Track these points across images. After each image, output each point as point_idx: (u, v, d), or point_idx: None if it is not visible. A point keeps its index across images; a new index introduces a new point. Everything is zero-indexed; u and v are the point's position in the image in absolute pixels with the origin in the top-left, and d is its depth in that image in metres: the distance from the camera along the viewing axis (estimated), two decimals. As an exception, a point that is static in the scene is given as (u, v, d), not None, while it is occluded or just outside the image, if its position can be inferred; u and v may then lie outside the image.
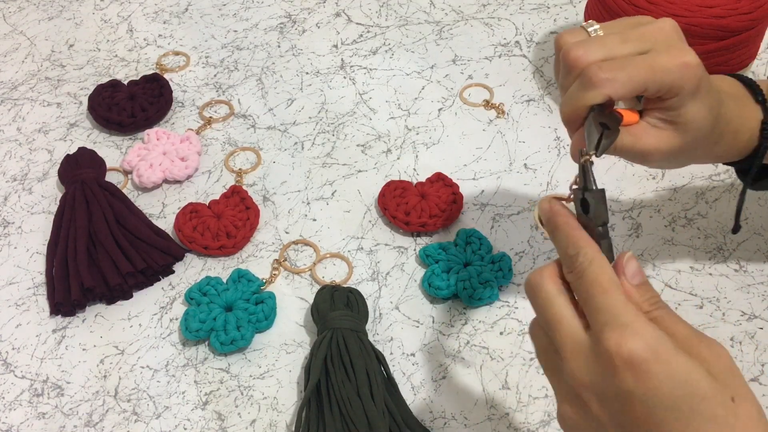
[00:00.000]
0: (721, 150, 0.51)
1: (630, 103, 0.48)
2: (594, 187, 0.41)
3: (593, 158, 0.42)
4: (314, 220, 0.69)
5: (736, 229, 0.60)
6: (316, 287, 0.64)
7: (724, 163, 0.56)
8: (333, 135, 0.76)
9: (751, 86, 0.52)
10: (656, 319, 0.36)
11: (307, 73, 0.83)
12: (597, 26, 0.46)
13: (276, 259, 0.66)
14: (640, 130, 0.46)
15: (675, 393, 0.33)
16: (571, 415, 0.37)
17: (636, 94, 0.44)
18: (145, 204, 0.70)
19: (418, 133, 0.76)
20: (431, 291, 0.62)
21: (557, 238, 0.40)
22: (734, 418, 0.33)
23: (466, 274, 0.62)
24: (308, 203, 0.70)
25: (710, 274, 0.64)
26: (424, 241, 0.67)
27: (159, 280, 0.65)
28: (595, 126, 0.43)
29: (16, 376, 0.59)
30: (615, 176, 0.71)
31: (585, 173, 0.42)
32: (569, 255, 0.38)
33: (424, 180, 0.70)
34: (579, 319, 0.37)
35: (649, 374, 0.33)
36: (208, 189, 0.72)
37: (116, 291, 0.63)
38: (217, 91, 0.81)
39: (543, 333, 0.39)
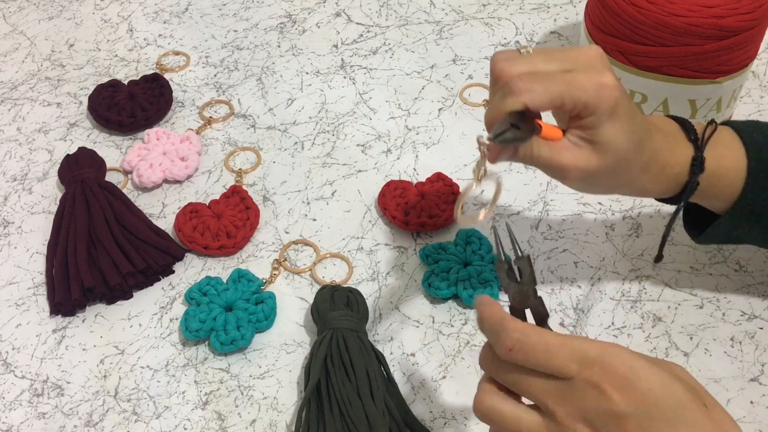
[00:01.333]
0: (647, 182, 0.52)
1: (559, 120, 0.51)
2: (518, 252, 0.46)
3: (488, 144, 0.46)
4: (314, 220, 0.69)
5: (658, 258, 0.61)
6: (316, 287, 0.64)
7: (656, 199, 0.57)
8: (333, 135, 0.76)
9: (686, 126, 0.53)
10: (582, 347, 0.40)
11: (307, 73, 0.83)
12: (530, 48, 0.49)
13: (276, 259, 0.66)
14: (559, 145, 0.48)
15: (660, 404, 0.36)
16: None
17: (552, 106, 0.46)
18: (145, 204, 0.70)
19: (418, 133, 0.76)
20: (431, 291, 0.62)
21: (486, 327, 0.42)
22: (711, 422, 0.37)
23: (465, 273, 0.62)
24: (308, 203, 0.70)
25: (710, 274, 0.64)
26: (424, 241, 0.67)
27: (159, 280, 0.65)
28: (503, 123, 0.46)
29: (16, 376, 0.59)
30: (615, 176, 0.71)
31: (496, 236, 0.47)
32: (500, 337, 0.40)
33: (424, 180, 0.70)
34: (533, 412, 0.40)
35: (635, 390, 0.36)
36: (208, 189, 0.72)
37: (116, 291, 0.63)
38: (217, 91, 0.81)
39: None
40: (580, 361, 0.38)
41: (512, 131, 0.46)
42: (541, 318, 0.44)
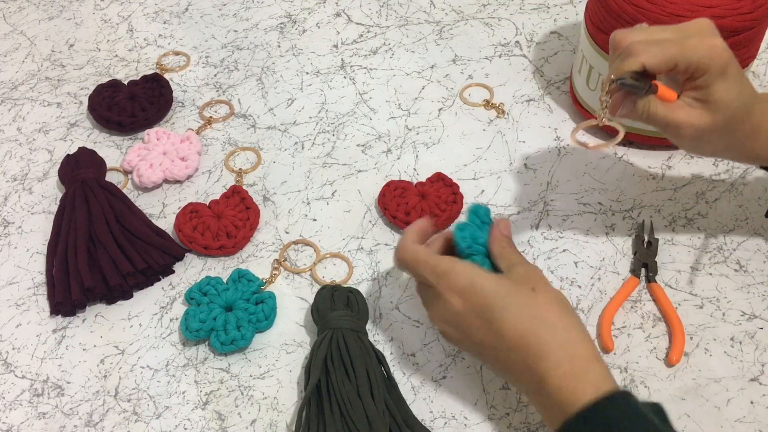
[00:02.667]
0: (757, 147, 0.56)
1: (671, 85, 0.55)
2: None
3: (609, 86, 0.52)
4: (314, 220, 0.69)
5: None
6: (316, 287, 0.64)
7: (762, 167, 0.60)
8: (333, 135, 0.76)
9: None
10: (502, 254, 0.53)
11: (307, 73, 0.83)
12: (645, 25, 0.55)
13: (276, 259, 0.66)
14: (674, 105, 0.53)
15: (492, 299, 0.49)
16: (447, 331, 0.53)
17: (668, 67, 0.51)
18: (145, 204, 0.70)
19: (418, 133, 0.76)
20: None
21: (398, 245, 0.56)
22: (534, 300, 0.49)
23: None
24: (308, 203, 0.70)
25: (710, 274, 0.64)
26: (424, 241, 0.67)
27: (159, 280, 0.65)
28: (624, 76, 0.51)
29: (16, 376, 0.59)
30: (615, 176, 0.71)
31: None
32: (395, 252, 0.55)
33: (424, 180, 0.70)
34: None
35: (471, 294, 0.50)
36: (208, 189, 0.72)
37: (116, 291, 0.63)
38: (217, 91, 0.81)
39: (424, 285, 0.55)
40: (436, 275, 0.51)
41: (632, 79, 0.51)
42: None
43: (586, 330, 0.49)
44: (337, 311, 0.58)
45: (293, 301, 0.63)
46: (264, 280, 0.64)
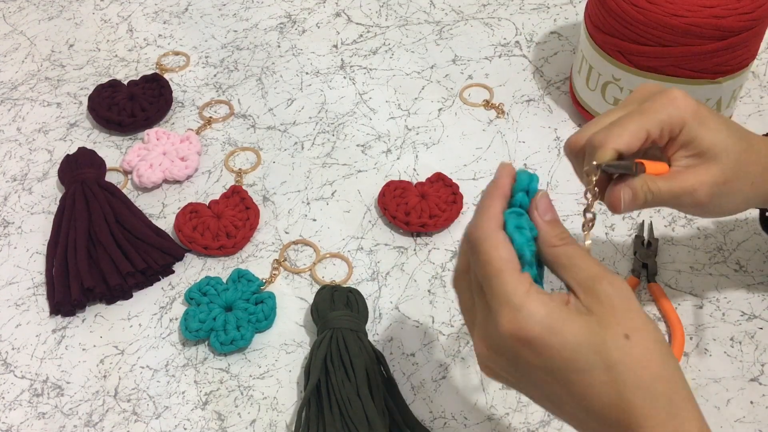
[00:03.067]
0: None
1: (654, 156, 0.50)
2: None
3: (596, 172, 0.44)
4: (314, 220, 0.69)
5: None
6: (316, 287, 0.64)
7: None
8: (333, 135, 0.76)
9: None
10: (564, 255, 0.40)
11: (307, 73, 0.83)
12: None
13: (276, 259, 0.66)
14: (673, 173, 0.47)
15: (573, 356, 0.37)
16: (489, 360, 0.41)
17: (640, 141, 0.45)
18: (145, 204, 0.70)
19: (418, 133, 0.76)
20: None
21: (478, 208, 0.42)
22: (629, 357, 0.37)
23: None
24: (308, 203, 0.70)
25: (710, 274, 0.64)
26: (424, 241, 0.67)
27: (159, 280, 0.65)
28: (595, 169, 0.45)
29: (16, 376, 0.59)
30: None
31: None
32: (473, 222, 0.41)
33: (424, 180, 0.70)
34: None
35: (545, 347, 0.37)
36: (208, 189, 0.72)
37: (116, 291, 0.63)
38: (217, 91, 0.81)
39: (469, 287, 0.43)
40: (499, 302, 0.38)
41: (616, 162, 0.45)
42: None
43: (682, 372, 0.39)
44: (337, 311, 0.58)
45: (293, 301, 0.63)
46: (264, 280, 0.64)
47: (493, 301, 0.39)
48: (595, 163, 0.44)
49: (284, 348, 0.60)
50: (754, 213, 0.68)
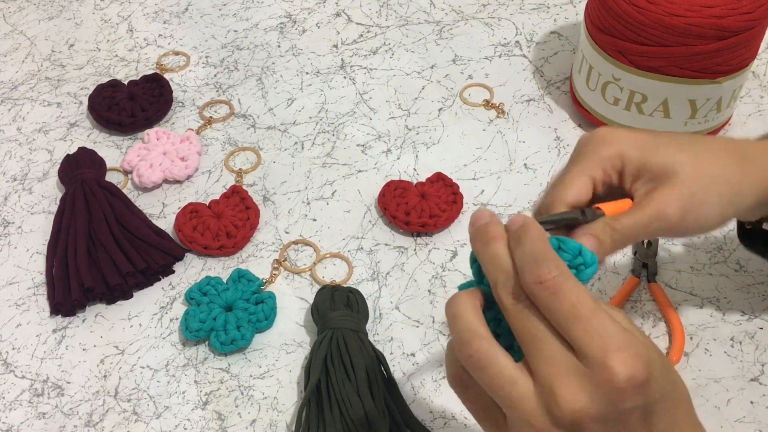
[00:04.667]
0: (748, 180, 0.47)
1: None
2: None
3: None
4: (314, 220, 0.69)
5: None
6: (316, 287, 0.64)
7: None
8: (333, 135, 0.76)
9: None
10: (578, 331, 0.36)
11: (307, 73, 0.83)
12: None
13: (276, 259, 0.66)
14: (635, 205, 0.45)
15: (664, 393, 0.35)
16: None
17: (588, 189, 0.45)
18: (145, 204, 0.70)
19: (418, 133, 0.76)
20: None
21: (524, 246, 0.37)
22: (687, 393, 0.37)
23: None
24: (308, 203, 0.70)
25: (710, 274, 0.64)
26: (424, 241, 0.67)
27: (159, 280, 0.65)
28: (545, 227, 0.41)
29: (16, 376, 0.59)
30: (615, 176, 0.71)
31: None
32: (539, 264, 0.36)
33: (424, 180, 0.70)
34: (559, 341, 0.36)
35: (651, 389, 0.35)
36: (208, 189, 0.72)
37: (116, 291, 0.63)
38: (217, 91, 0.81)
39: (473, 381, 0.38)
40: (606, 349, 0.34)
41: (559, 213, 0.43)
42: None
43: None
44: (337, 311, 0.58)
45: (293, 301, 0.63)
46: (264, 280, 0.64)
47: (591, 345, 0.34)
48: (539, 220, 0.41)
49: (284, 348, 0.60)
50: (754, 213, 0.68)
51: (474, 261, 0.40)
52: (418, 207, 0.67)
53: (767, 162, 0.48)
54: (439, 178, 0.70)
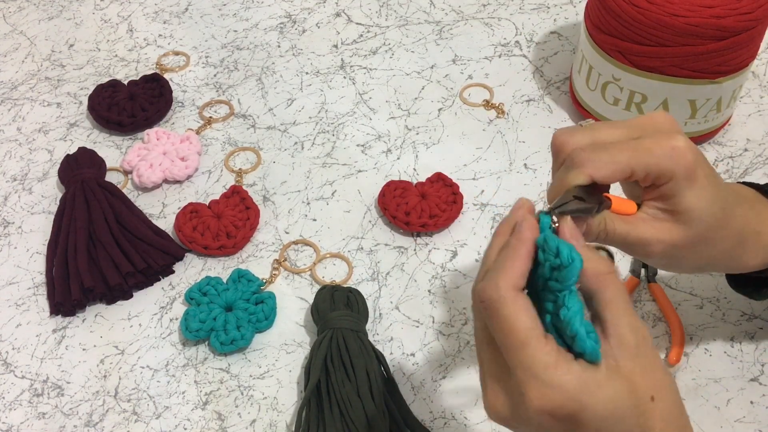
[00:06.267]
0: (748, 256, 0.48)
1: (633, 193, 0.47)
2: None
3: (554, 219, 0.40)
4: (314, 220, 0.69)
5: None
6: (316, 287, 0.64)
7: (758, 274, 0.52)
8: (333, 135, 0.76)
9: (763, 189, 0.50)
10: (611, 289, 0.37)
11: (307, 73, 0.83)
12: (591, 121, 0.45)
13: (276, 259, 0.66)
14: (637, 219, 0.44)
15: (602, 424, 0.36)
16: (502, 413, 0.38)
17: (621, 176, 0.42)
18: (145, 204, 0.70)
19: (418, 133, 0.76)
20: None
21: (497, 252, 0.39)
22: (654, 420, 0.36)
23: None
24: (308, 203, 0.70)
25: (710, 274, 0.64)
26: (424, 241, 0.67)
27: (159, 280, 0.65)
28: (565, 195, 0.41)
29: (16, 376, 0.59)
30: (615, 176, 0.71)
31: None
32: (486, 280, 0.37)
33: (424, 180, 0.70)
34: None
35: (577, 422, 0.35)
36: (208, 189, 0.72)
37: (116, 291, 0.63)
38: (217, 91, 0.81)
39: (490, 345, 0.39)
40: (525, 381, 0.36)
41: (575, 202, 0.41)
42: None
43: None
44: (337, 311, 0.58)
45: (293, 301, 0.63)
46: (264, 280, 0.64)
47: (518, 372, 0.36)
48: (549, 206, 0.41)
49: (284, 348, 0.60)
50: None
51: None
52: (418, 207, 0.67)
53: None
54: (439, 178, 0.70)
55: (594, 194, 0.42)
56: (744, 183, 0.50)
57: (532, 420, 0.36)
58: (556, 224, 0.39)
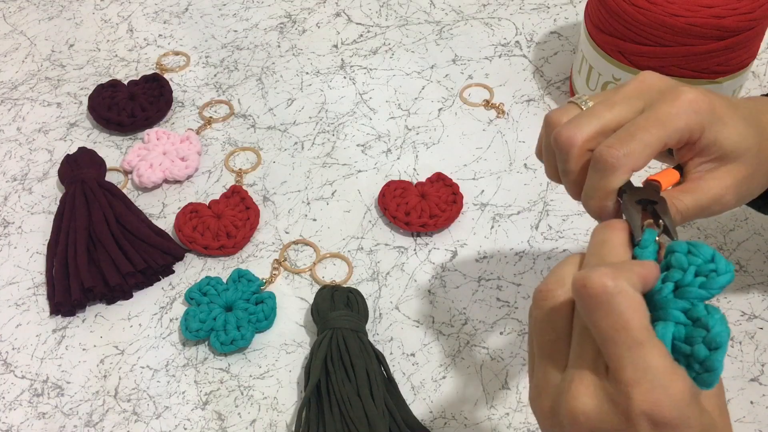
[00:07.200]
0: None
1: (663, 160, 0.45)
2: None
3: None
4: (314, 220, 0.69)
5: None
6: (316, 287, 0.64)
7: None
8: (333, 135, 0.76)
9: None
10: None
11: (307, 73, 0.83)
12: (590, 102, 0.43)
13: (276, 259, 0.66)
14: (693, 184, 0.42)
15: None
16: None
17: (656, 155, 0.41)
18: (145, 204, 0.70)
19: (418, 133, 0.76)
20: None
21: (594, 240, 0.36)
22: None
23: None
24: (308, 203, 0.70)
25: (710, 274, 0.64)
26: (424, 241, 0.67)
27: (159, 280, 0.65)
28: (634, 208, 0.39)
29: (16, 376, 0.59)
30: (615, 176, 0.71)
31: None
32: (592, 267, 0.34)
33: (424, 180, 0.70)
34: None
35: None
36: (208, 189, 0.72)
37: (116, 291, 0.63)
38: (217, 91, 0.81)
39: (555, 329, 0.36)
40: (637, 382, 0.32)
41: (659, 209, 0.39)
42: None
43: None
44: (337, 311, 0.58)
45: (293, 301, 0.63)
46: (264, 280, 0.64)
47: (626, 372, 0.32)
48: (619, 194, 0.39)
49: (284, 348, 0.60)
50: (754, 213, 0.68)
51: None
52: (418, 207, 0.67)
53: None
54: (439, 178, 0.70)
55: (633, 187, 0.40)
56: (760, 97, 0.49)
57: (621, 423, 0.33)
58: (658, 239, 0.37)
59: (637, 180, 0.42)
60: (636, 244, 0.37)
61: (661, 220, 0.39)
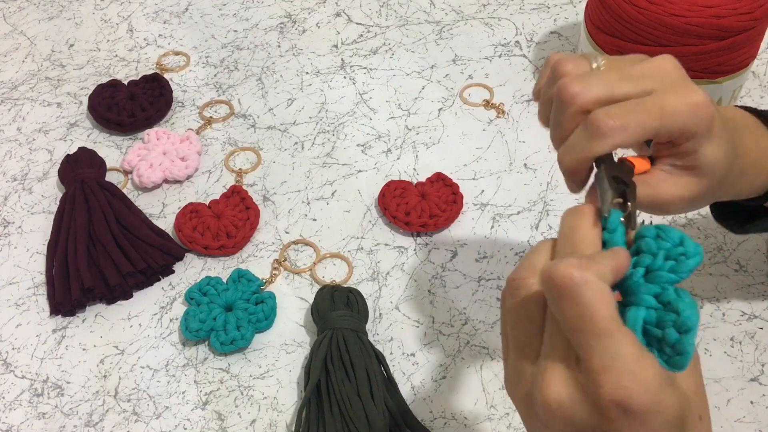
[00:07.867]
0: (744, 185, 0.47)
1: (638, 148, 0.45)
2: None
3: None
4: (314, 220, 0.69)
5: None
6: (316, 287, 0.64)
7: (745, 201, 0.50)
8: (333, 135, 0.76)
9: (761, 115, 0.49)
10: None
11: (307, 73, 0.83)
12: (602, 61, 0.43)
13: (276, 259, 0.66)
14: (656, 179, 0.42)
15: (663, 429, 0.33)
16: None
17: (644, 140, 0.41)
18: (145, 204, 0.70)
19: (418, 133, 0.76)
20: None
21: (562, 229, 0.37)
22: None
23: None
24: (308, 203, 0.70)
25: (710, 274, 0.64)
26: (424, 241, 0.67)
27: (159, 280, 0.65)
28: (609, 182, 0.38)
29: (16, 376, 0.59)
30: (615, 176, 0.71)
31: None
32: (560, 256, 0.35)
33: (424, 180, 0.70)
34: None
35: (643, 423, 0.32)
36: (208, 189, 0.72)
37: (116, 291, 0.63)
38: (217, 91, 0.81)
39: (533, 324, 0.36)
40: (605, 369, 0.32)
41: (629, 192, 0.39)
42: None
43: None
44: (337, 311, 0.58)
45: (293, 301, 0.63)
46: (264, 280, 0.64)
47: (594, 360, 0.32)
48: (596, 164, 0.39)
49: (284, 348, 0.60)
50: (754, 213, 0.68)
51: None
52: (418, 207, 0.67)
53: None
54: (439, 178, 0.70)
55: (610, 160, 0.40)
56: (738, 107, 0.49)
57: (591, 412, 0.33)
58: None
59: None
60: (604, 227, 0.37)
61: (628, 203, 0.39)
